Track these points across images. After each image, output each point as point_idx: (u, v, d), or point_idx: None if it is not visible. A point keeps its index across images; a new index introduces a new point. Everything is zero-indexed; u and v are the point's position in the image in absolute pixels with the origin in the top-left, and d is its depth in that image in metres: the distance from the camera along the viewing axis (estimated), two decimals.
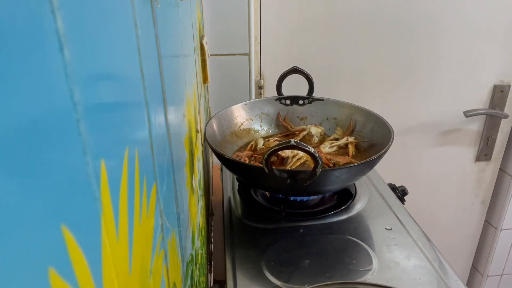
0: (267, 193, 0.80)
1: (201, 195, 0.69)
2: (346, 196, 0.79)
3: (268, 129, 0.93)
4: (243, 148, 0.88)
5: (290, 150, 0.73)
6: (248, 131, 0.91)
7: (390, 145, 0.69)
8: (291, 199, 0.75)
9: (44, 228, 0.12)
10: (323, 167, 0.58)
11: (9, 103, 0.10)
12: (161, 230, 0.28)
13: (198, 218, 0.60)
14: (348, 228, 0.70)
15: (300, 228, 0.70)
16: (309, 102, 0.93)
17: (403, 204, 0.79)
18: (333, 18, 1.13)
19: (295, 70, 0.89)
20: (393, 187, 0.85)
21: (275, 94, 0.94)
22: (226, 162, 0.70)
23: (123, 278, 0.18)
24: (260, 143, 0.86)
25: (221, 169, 0.96)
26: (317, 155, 0.56)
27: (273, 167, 0.59)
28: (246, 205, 0.78)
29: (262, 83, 1.17)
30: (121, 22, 0.21)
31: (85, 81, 0.15)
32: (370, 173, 0.85)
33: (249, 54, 1.09)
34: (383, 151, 0.67)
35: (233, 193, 0.83)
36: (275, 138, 0.89)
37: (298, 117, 0.94)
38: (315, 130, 0.89)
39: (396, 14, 1.14)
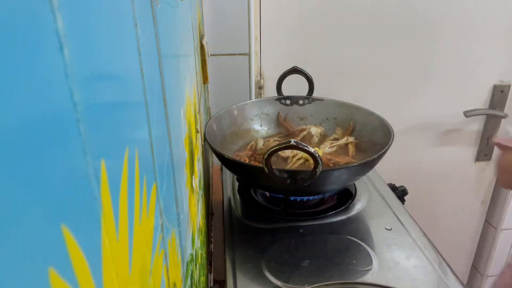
0: (267, 193, 0.80)
1: (201, 195, 0.69)
2: (346, 196, 0.79)
3: (268, 129, 0.93)
4: (243, 148, 0.88)
5: (290, 150, 0.73)
6: (248, 131, 0.91)
7: (390, 145, 0.69)
8: (291, 199, 0.75)
9: (44, 228, 0.12)
10: (323, 167, 0.58)
11: (9, 103, 0.10)
12: (161, 230, 0.28)
13: (198, 218, 0.60)
14: (348, 228, 0.70)
15: (300, 228, 0.70)
16: (309, 102, 0.93)
17: (403, 204, 0.79)
18: (334, 18, 1.13)
19: (295, 70, 0.89)
20: (393, 187, 0.85)
21: (275, 94, 0.94)
22: (226, 162, 0.70)
23: (123, 278, 0.18)
24: (260, 143, 0.86)
25: (221, 169, 0.96)
26: (317, 155, 0.56)
27: (273, 167, 0.60)
28: (246, 205, 0.78)
29: (262, 83, 1.17)
30: (121, 22, 0.21)
31: (85, 81, 0.15)
32: (370, 173, 0.85)
33: (249, 54, 1.09)
34: (383, 151, 0.67)
35: (233, 193, 0.83)
36: (275, 138, 0.89)
37: (298, 117, 0.94)
38: (315, 130, 0.89)
39: (396, 14, 1.14)
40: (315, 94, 0.93)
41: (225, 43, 1.08)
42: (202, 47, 0.83)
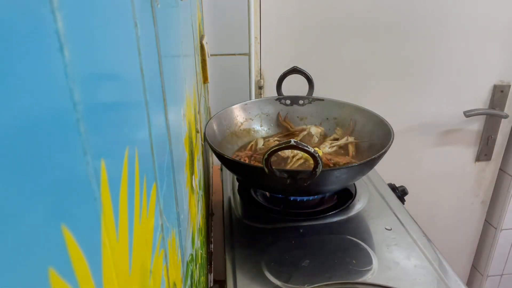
0: (267, 193, 0.80)
1: (201, 195, 0.69)
2: (346, 196, 0.79)
3: (268, 129, 0.93)
4: (243, 148, 0.88)
5: (290, 150, 0.73)
6: (248, 131, 0.91)
7: (390, 145, 0.69)
8: (291, 199, 0.75)
9: (44, 228, 0.12)
10: (323, 167, 0.58)
11: (9, 103, 0.10)
12: (161, 230, 0.28)
13: (198, 218, 0.60)
14: (348, 228, 0.70)
15: (300, 228, 0.70)
16: (309, 102, 0.93)
17: (403, 204, 0.79)
18: (334, 18, 1.13)
19: (295, 70, 0.89)
20: (393, 187, 0.85)
21: (275, 94, 0.94)
22: (226, 162, 0.70)
23: (123, 278, 0.18)
24: (260, 143, 0.86)
25: (221, 169, 0.96)
26: (317, 155, 0.56)
27: (273, 167, 0.59)
28: (246, 205, 0.78)
29: (262, 83, 1.17)
30: (121, 22, 0.21)
31: (85, 81, 0.15)
32: (370, 173, 0.85)
33: (249, 54, 1.09)
34: (383, 151, 0.67)
35: (233, 193, 0.83)
36: (275, 138, 0.89)
37: (298, 117, 0.94)
38: (315, 130, 0.89)
39: (396, 14, 1.14)
40: (315, 94, 0.93)
41: (225, 43, 1.08)
42: (202, 47, 0.83)
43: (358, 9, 1.13)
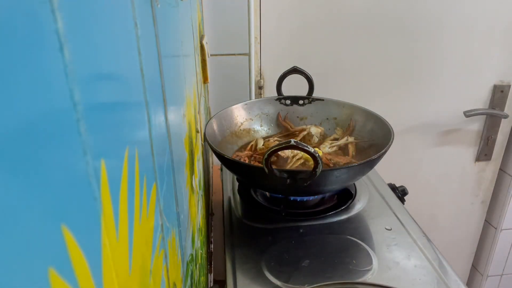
0: (267, 193, 0.80)
1: (201, 195, 0.69)
2: (346, 196, 0.79)
3: (268, 129, 0.93)
4: (243, 148, 0.88)
5: (290, 150, 0.73)
6: (248, 131, 0.91)
7: (390, 145, 0.69)
8: (291, 199, 0.75)
9: (44, 228, 0.12)
10: (323, 167, 0.58)
11: (9, 103, 0.10)
12: (161, 230, 0.28)
13: (198, 218, 0.60)
14: (348, 228, 0.70)
15: (300, 228, 0.70)
16: (309, 102, 0.93)
17: (403, 204, 0.79)
18: (334, 18, 1.13)
19: (295, 70, 0.89)
20: (393, 187, 0.85)
21: (275, 94, 0.94)
22: (226, 162, 0.70)
23: (123, 278, 0.18)
24: (260, 143, 0.86)
25: (221, 169, 0.96)
26: (317, 155, 0.56)
27: (273, 167, 0.59)
28: (246, 205, 0.78)
29: (262, 83, 1.17)
30: (121, 22, 0.21)
31: (85, 81, 0.15)
32: (370, 173, 0.85)
33: (249, 54, 1.09)
34: (383, 151, 0.67)
35: (233, 193, 0.83)
36: (275, 138, 0.89)
37: (298, 117, 0.94)
38: (315, 130, 0.89)
39: (396, 14, 1.14)
40: (315, 94, 0.93)
41: (225, 43, 1.08)
42: (202, 47, 0.83)
43: (358, 9, 1.13)
